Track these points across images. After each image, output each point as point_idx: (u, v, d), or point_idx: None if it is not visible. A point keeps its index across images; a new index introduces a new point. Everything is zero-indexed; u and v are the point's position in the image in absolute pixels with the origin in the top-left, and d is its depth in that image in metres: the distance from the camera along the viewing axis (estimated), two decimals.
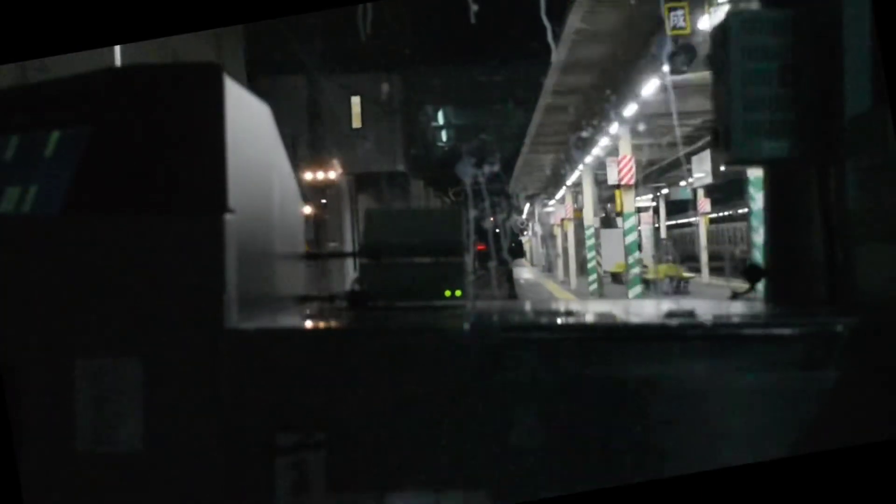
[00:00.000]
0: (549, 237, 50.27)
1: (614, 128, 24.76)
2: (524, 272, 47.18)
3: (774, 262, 3.75)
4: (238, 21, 3.22)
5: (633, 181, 25.42)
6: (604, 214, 40.93)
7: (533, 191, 48.72)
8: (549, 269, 49.19)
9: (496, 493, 2.88)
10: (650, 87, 19.78)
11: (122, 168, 3.02)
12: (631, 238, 25.87)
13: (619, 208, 27.16)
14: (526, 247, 67.71)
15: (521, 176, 42.39)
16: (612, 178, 26.41)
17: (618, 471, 2.90)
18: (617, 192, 26.47)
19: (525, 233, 69.14)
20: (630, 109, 22.09)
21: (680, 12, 16.50)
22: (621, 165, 25.20)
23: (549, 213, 49.06)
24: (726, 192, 37.71)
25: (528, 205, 53.43)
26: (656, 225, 41.73)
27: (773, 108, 3.40)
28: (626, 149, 24.87)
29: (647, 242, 37.47)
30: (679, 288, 29.64)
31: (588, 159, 29.68)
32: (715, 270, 35.76)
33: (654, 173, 35.98)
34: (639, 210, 36.28)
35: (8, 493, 2.75)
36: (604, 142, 27.14)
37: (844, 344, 2.94)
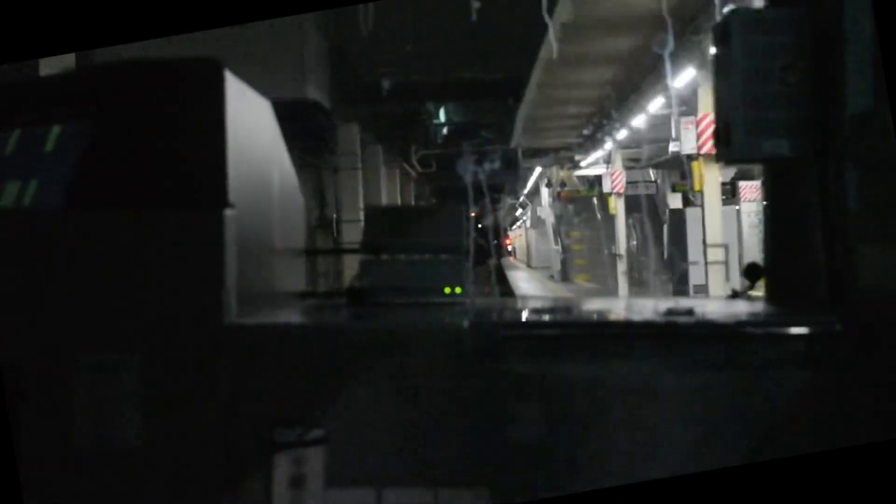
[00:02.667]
0: (568, 223, 33.41)
1: None
2: (520, 277, 34.67)
3: (774, 260, 3.75)
4: (238, 21, 3.23)
5: None
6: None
7: (550, 146, 29.79)
8: (564, 275, 32.25)
9: (494, 490, 2.88)
10: None
11: (122, 163, 3.02)
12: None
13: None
14: (518, 242, 55.15)
15: (529, 125, 25.12)
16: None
17: (617, 470, 2.90)
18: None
19: (518, 222, 54.21)
20: None
21: None
22: None
23: (577, 182, 31.12)
24: None
25: (537, 172, 35.03)
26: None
27: (773, 106, 3.40)
28: None
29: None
30: None
31: None
32: None
33: None
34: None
35: (8, 491, 2.75)
36: None
37: (844, 343, 2.94)
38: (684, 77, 15.31)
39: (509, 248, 56.06)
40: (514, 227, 58.65)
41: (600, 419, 2.92)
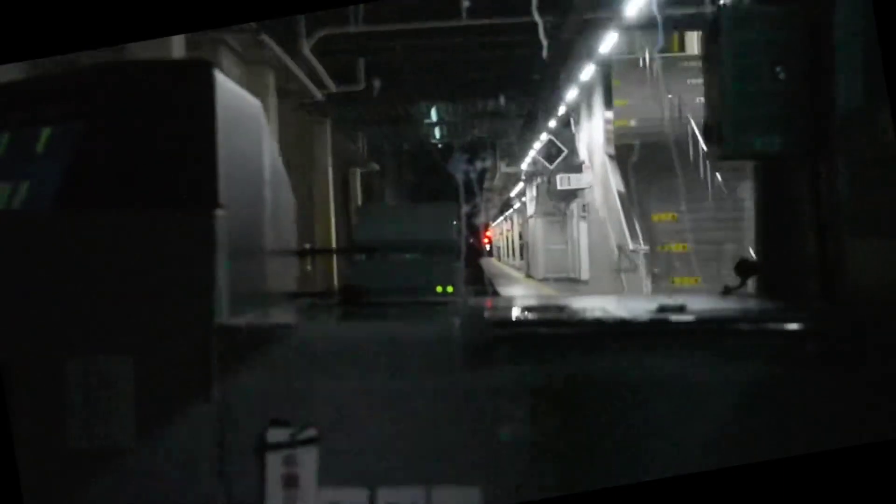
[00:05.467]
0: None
1: None
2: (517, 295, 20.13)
3: (766, 256, 3.76)
4: (238, 21, 3.22)
5: None
6: None
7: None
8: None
9: (486, 489, 2.88)
10: None
11: (113, 164, 3.02)
12: None
13: None
14: (505, 238, 42.38)
15: None
16: None
17: (610, 469, 2.89)
18: None
19: (511, 210, 39.27)
20: None
21: None
22: None
23: None
24: None
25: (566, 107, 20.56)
26: None
27: (764, 102, 3.41)
28: None
29: None
30: None
31: None
32: None
33: None
34: None
35: (8, 491, 2.75)
36: None
37: (835, 338, 2.95)
38: None
39: (488, 245, 41.56)
40: (502, 216, 43.57)
41: (593, 417, 2.92)
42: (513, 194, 37.22)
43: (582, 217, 23.05)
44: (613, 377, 2.94)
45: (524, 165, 29.49)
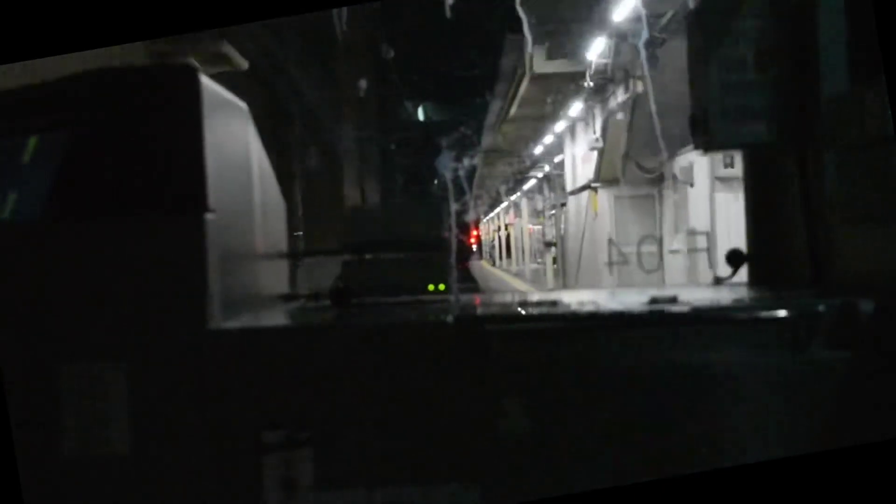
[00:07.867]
0: None
1: None
2: None
3: (756, 246, 3.76)
4: (238, 21, 3.21)
5: None
6: None
7: None
8: None
9: (484, 488, 2.88)
10: None
11: (101, 170, 3.01)
12: None
13: None
14: (502, 235, 38.51)
15: None
16: None
17: (610, 466, 2.90)
18: None
19: (518, 193, 32.59)
20: None
21: None
22: None
23: None
24: None
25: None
26: None
27: (750, 92, 3.41)
28: None
29: None
30: None
31: None
32: None
33: None
34: None
35: (8, 492, 2.75)
36: None
37: (826, 326, 2.95)
38: None
39: (475, 245, 33.27)
40: (510, 198, 36.30)
41: (590, 413, 2.92)
42: (538, 150, 22.24)
43: (725, 178, 12.72)
44: (609, 371, 2.94)
45: (592, 53, 14.71)
